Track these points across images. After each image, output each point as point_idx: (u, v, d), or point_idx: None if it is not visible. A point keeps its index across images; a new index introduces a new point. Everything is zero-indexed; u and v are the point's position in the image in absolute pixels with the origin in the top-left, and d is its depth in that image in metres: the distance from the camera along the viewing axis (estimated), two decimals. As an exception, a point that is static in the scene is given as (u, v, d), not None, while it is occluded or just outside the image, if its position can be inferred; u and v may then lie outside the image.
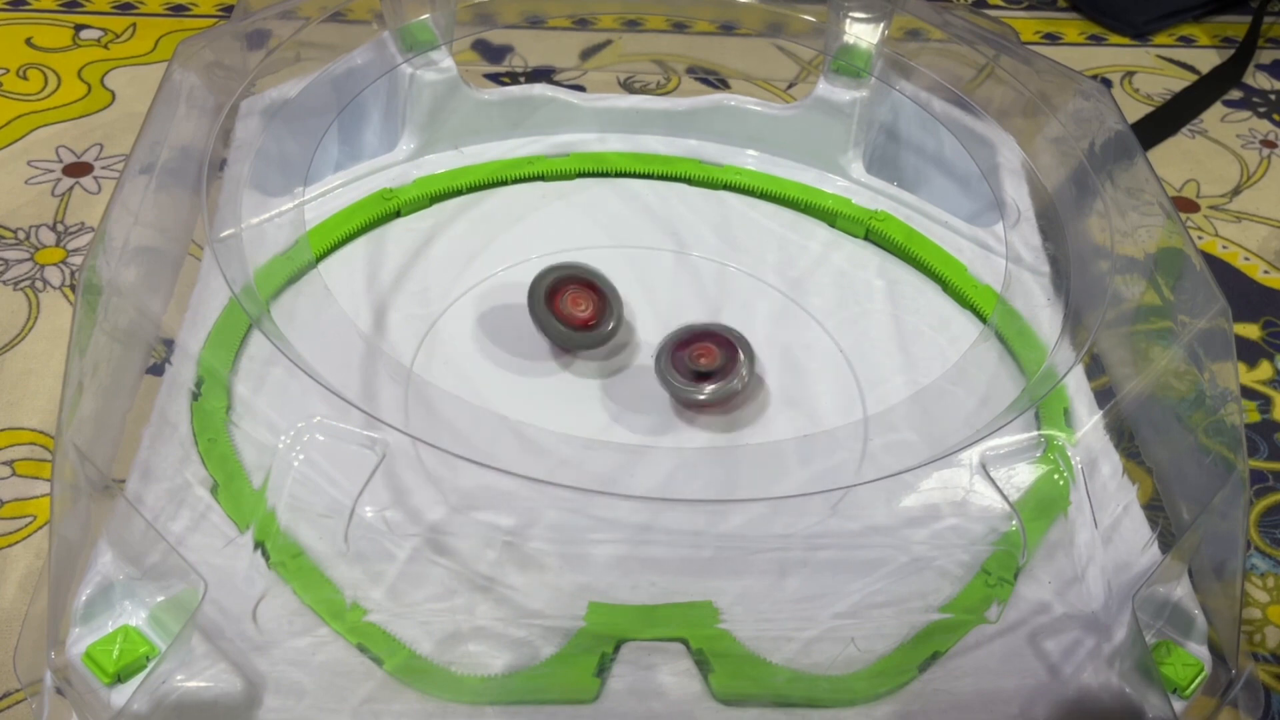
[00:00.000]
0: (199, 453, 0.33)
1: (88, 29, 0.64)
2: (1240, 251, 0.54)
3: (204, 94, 0.39)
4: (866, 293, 0.43)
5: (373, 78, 0.45)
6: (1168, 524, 0.34)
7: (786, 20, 0.48)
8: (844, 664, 0.30)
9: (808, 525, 0.33)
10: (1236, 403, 0.33)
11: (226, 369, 0.36)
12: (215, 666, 0.28)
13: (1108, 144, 0.41)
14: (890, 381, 0.39)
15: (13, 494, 0.39)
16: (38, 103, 0.58)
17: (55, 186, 0.52)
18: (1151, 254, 0.37)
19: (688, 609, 0.31)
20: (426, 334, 0.40)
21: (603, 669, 0.30)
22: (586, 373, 0.39)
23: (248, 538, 0.31)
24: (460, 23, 0.47)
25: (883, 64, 0.46)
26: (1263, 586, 0.40)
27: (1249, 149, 0.61)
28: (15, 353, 0.44)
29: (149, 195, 0.35)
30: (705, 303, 0.42)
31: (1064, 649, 0.31)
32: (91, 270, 0.32)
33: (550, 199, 0.46)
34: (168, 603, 0.28)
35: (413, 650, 0.30)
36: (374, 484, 0.32)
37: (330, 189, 0.44)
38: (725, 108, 0.48)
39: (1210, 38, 0.71)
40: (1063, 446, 0.35)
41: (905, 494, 0.34)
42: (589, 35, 0.65)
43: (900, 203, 0.46)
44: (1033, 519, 0.33)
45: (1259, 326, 0.50)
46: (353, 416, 0.32)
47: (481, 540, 0.32)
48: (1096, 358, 0.38)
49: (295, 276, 0.39)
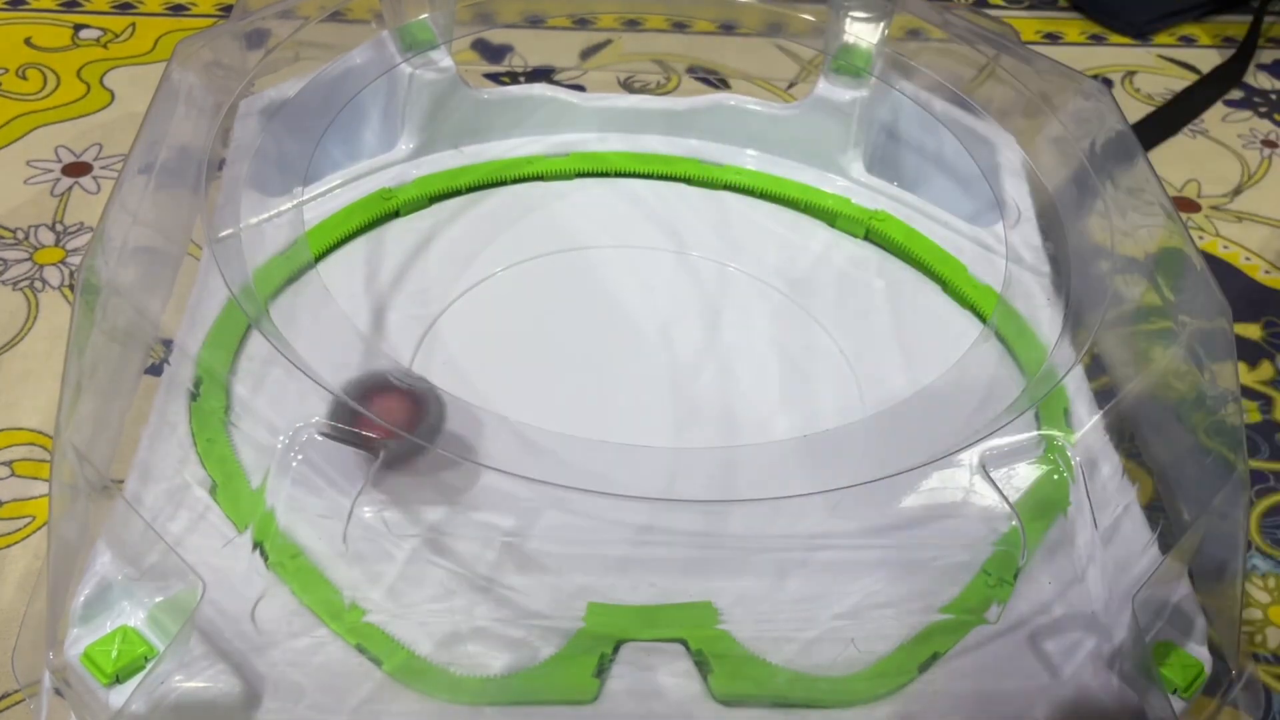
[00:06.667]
0: (197, 453, 0.33)
1: (87, 29, 0.64)
2: (1241, 251, 0.54)
3: (203, 94, 0.39)
4: (866, 293, 0.43)
5: (372, 77, 0.45)
6: (1168, 524, 0.34)
7: (786, 20, 0.48)
8: (844, 665, 0.30)
9: (807, 526, 0.33)
10: (1237, 403, 0.33)
11: (225, 369, 0.36)
12: (214, 667, 0.28)
13: (1108, 144, 0.41)
14: (890, 381, 0.39)
15: (11, 494, 0.39)
16: (37, 102, 0.58)
17: (54, 186, 0.52)
18: (1152, 254, 0.37)
19: (687, 609, 0.31)
20: (426, 334, 0.40)
21: (602, 670, 0.30)
22: (586, 373, 0.39)
23: (246, 538, 0.31)
24: (460, 22, 0.47)
25: (883, 64, 0.46)
26: (1263, 587, 0.40)
27: (1250, 149, 0.61)
28: (14, 353, 0.44)
29: (148, 195, 0.35)
30: (705, 303, 0.42)
31: (1064, 649, 0.31)
32: (90, 270, 0.32)
33: (550, 199, 0.46)
34: (166, 603, 0.28)
35: (412, 651, 0.30)
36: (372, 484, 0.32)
37: (329, 189, 0.44)
38: (725, 108, 0.48)
39: (1211, 38, 0.71)
40: (1063, 447, 0.35)
41: (905, 494, 0.34)
42: (589, 35, 0.65)
43: (900, 203, 0.46)
44: (1033, 519, 0.33)
45: (1260, 326, 0.50)
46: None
47: (481, 541, 0.32)
48: (1097, 358, 0.38)
49: (294, 276, 0.39)
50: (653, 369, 0.39)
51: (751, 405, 0.38)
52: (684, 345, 0.40)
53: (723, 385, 0.39)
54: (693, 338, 0.41)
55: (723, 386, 0.39)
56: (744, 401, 0.39)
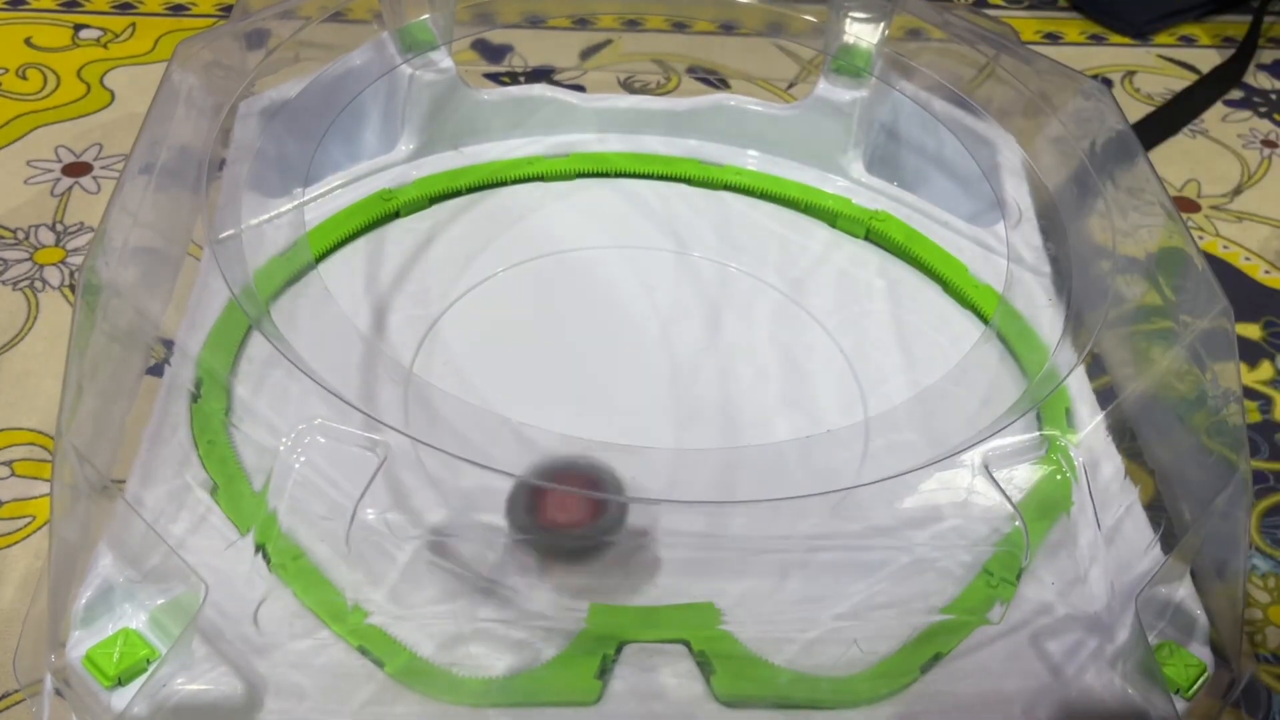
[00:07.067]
0: (199, 454, 0.33)
1: (87, 29, 0.64)
2: (1241, 251, 0.54)
3: (203, 94, 0.39)
4: (867, 293, 0.43)
5: (372, 78, 0.45)
6: (1170, 525, 0.34)
7: (786, 20, 0.48)
8: (846, 665, 0.30)
9: (809, 526, 0.33)
10: (1238, 403, 0.33)
11: (226, 370, 0.36)
12: (216, 669, 0.28)
13: (1109, 144, 0.41)
14: (891, 382, 0.39)
15: (12, 494, 0.39)
16: (37, 102, 0.58)
17: (54, 186, 0.52)
18: (1153, 254, 0.37)
19: (689, 610, 0.31)
20: (426, 335, 0.40)
21: (604, 671, 0.30)
22: (587, 374, 0.39)
23: (249, 540, 0.31)
24: (460, 23, 0.46)
25: (883, 64, 0.46)
26: (1263, 587, 0.40)
27: (1250, 149, 0.61)
28: (14, 353, 0.44)
29: (148, 196, 0.35)
30: (705, 303, 0.42)
31: (1066, 650, 0.31)
32: (91, 271, 0.32)
33: (550, 199, 0.46)
34: (168, 605, 0.28)
35: (414, 652, 0.30)
36: (375, 486, 0.32)
37: (330, 190, 0.44)
38: (725, 108, 0.48)
39: (1211, 37, 0.71)
40: (1065, 447, 0.35)
41: (907, 495, 0.34)
42: (589, 35, 0.65)
43: (901, 203, 0.46)
44: (1035, 519, 0.33)
45: (1260, 326, 0.50)
46: (353, 418, 0.32)
47: (483, 542, 0.32)
48: (1098, 358, 0.38)
49: (295, 277, 0.39)
50: (653, 369, 0.39)
51: (752, 405, 0.38)
52: (684, 345, 0.40)
53: (723, 385, 0.39)
54: (693, 338, 0.41)
55: (723, 387, 0.39)
56: (744, 402, 0.38)
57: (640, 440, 0.36)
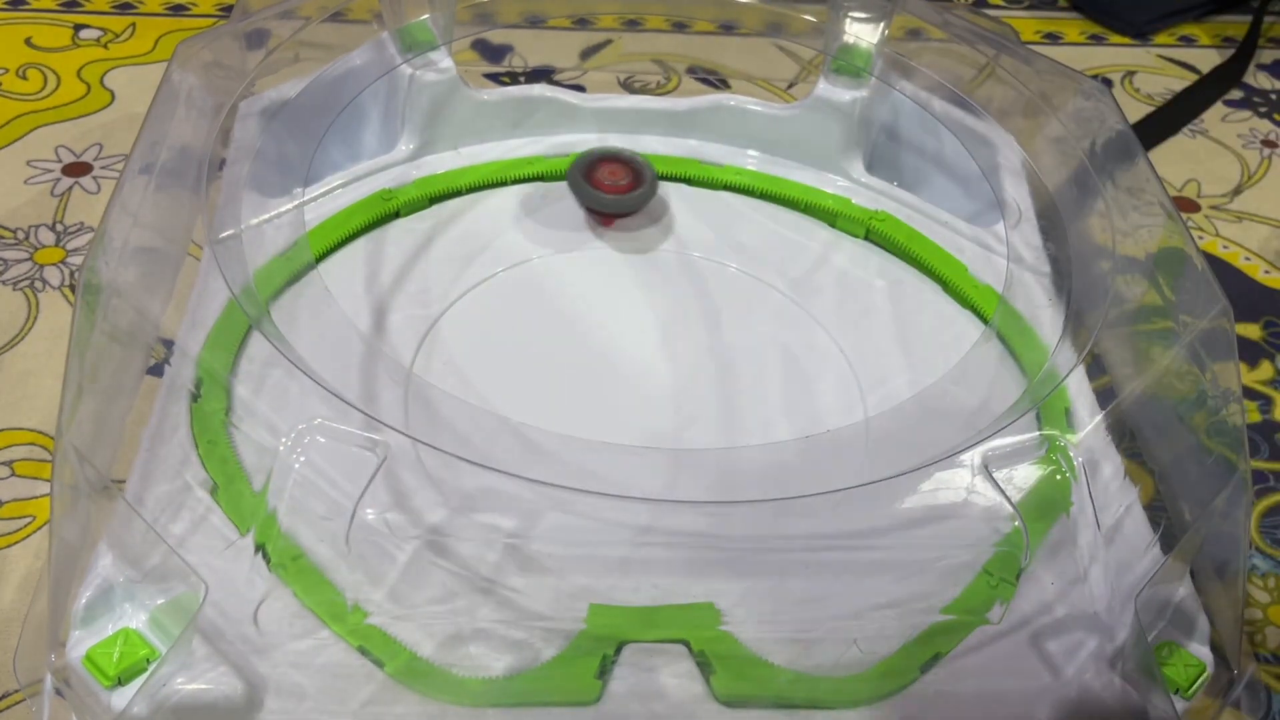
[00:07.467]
0: (199, 454, 0.33)
1: (87, 29, 0.64)
2: (1241, 251, 0.54)
3: (203, 94, 0.39)
4: (867, 293, 0.43)
5: (372, 78, 0.45)
6: (1170, 524, 0.34)
7: (786, 20, 0.48)
8: (846, 665, 0.30)
9: (809, 526, 0.33)
10: (1238, 403, 0.33)
11: (226, 370, 0.36)
12: (216, 669, 0.28)
13: (1109, 144, 0.41)
14: (891, 382, 0.39)
15: (12, 494, 0.39)
16: (37, 102, 0.58)
17: (54, 186, 0.52)
18: (1152, 254, 0.37)
19: (689, 610, 0.31)
20: (426, 335, 0.40)
21: (604, 671, 0.30)
22: (587, 374, 0.39)
23: (249, 540, 0.31)
24: (460, 23, 0.46)
25: (883, 64, 0.46)
26: (1263, 587, 0.40)
27: (1250, 149, 0.61)
28: (14, 353, 0.44)
29: (148, 196, 0.35)
30: (705, 303, 0.42)
31: (1066, 650, 0.31)
32: (91, 271, 0.32)
33: (550, 199, 0.46)
34: (168, 605, 0.28)
35: (414, 652, 0.30)
36: (375, 486, 0.32)
37: (329, 190, 0.44)
38: (725, 108, 0.48)
39: (1211, 37, 0.71)
40: (1064, 447, 0.35)
41: (907, 495, 0.34)
42: (589, 35, 0.65)
43: (901, 203, 0.46)
44: (1035, 520, 0.33)
45: (1260, 326, 0.50)
46: (353, 418, 0.32)
47: (483, 542, 0.32)
48: (1098, 358, 0.38)
49: (295, 277, 0.39)
50: (653, 369, 0.39)
51: (752, 406, 0.38)
52: (684, 345, 0.40)
53: (723, 385, 0.39)
54: (693, 338, 0.41)
55: (723, 387, 0.39)
56: (744, 402, 0.38)
57: (640, 440, 0.36)
